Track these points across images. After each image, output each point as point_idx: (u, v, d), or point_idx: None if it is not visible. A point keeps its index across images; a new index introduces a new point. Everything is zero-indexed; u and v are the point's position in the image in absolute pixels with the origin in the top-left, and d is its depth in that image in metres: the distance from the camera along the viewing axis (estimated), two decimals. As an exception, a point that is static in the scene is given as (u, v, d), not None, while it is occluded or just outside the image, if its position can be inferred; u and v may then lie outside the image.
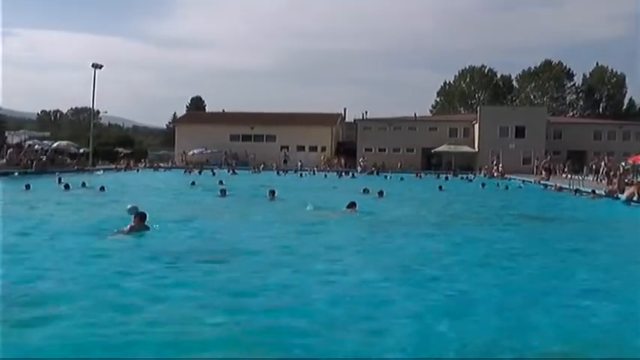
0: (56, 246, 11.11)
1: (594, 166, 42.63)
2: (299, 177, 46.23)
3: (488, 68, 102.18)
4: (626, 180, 29.71)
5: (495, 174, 51.89)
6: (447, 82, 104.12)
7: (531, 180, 41.46)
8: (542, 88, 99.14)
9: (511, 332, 6.27)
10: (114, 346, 5.61)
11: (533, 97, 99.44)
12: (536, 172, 49.35)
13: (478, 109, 69.11)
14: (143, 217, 12.85)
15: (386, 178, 45.68)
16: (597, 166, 41.60)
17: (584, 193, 27.69)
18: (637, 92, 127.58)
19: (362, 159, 61.91)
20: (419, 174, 50.87)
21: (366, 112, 72.16)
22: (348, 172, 51.64)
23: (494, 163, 57.30)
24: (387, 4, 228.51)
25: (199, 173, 45.20)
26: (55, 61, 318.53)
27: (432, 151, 64.39)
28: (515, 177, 46.20)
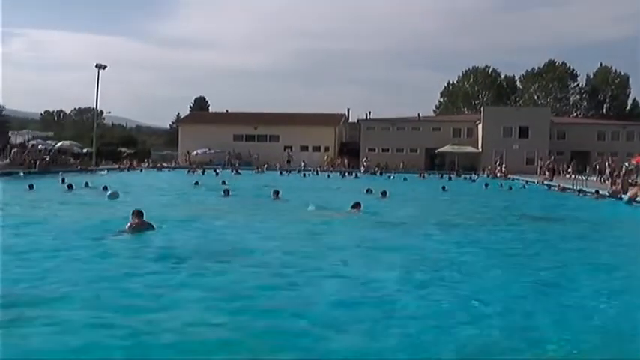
0: (59, 246, 11.10)
1: (598, 167, 42.54)
2: (302, 177, 46.24)
3: (491, 68, 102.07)
4: (630, 180, 29.63)
5: (499, 174, 51.81)
6: (451, 82, 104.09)
7: (534, 180, 41.41)
8: (545, 88, 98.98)
9: (515, 332, 6.26)
10: (116, 346, 5.62)
11: (536, 97, 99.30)
12: (540, 172, 49.24)
13: (482, 109, 69.04)
14: (141, 215, 12.85)
15: (389, 178, 45.65)
16: (601, 167, 41.51)
17: (588, 194, 27.64)
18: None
19: (365, 159, 61.80)
20: (422, 174, 50.85)
21: (370, 113, 72.36)
22: (351, 173, 51.60)
23: (497, 163, 57.23)
24: (390, 5, 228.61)
25: (202, 173, 45.20)
26: (58, 61, 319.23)
27: (436, 152, 64.37)
28: (518, 177, 46.14)
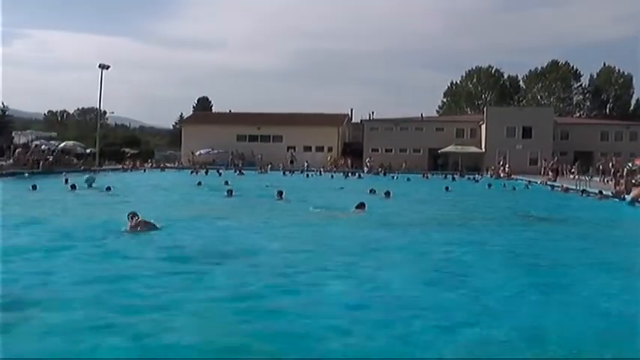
0: (61, 246, 11.04)
1: (601, 167, 42.49)
2: (305, 177, 46.24)
3: (495, 69, 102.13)
4: (633, 181, 29.56)
5: (502, 174, 51.79)
6: (454, 82, 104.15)
7: (537, 181, 41.37)
8: (549, 88, 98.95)
9: (517, 332, 6.24)
10: (117, 347, 5.60)
11: (540, 97, 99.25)
12: (543, 172, 49.19)
13: (485, 109, 69.09)
14: (136, 215, 12.86)
15: (393, 178, 45.66)
16: (604, 167, 41.46)
17: (591, 194, 27.60)
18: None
19: (368, 159, 61.83)
20: (425, 174, 50.86)
21: (373, 113, 72.44)
22: (354, 173, 51.63)
23: (500, 163, 57.19)
24: (394, 5, 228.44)
25: (206, 173, 45.23)
26: (61, 61, 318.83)
27: (439, 152, 64.38)
28: (521, 178, 46.08)
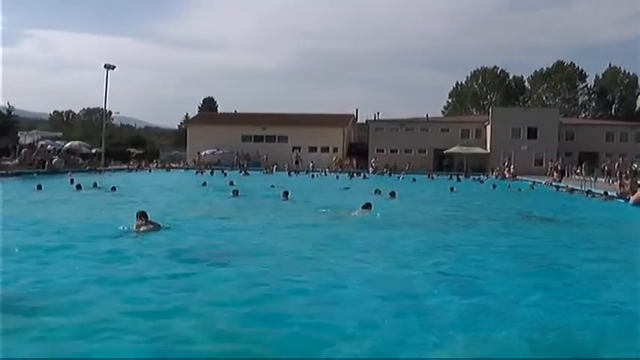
0: (65, 246, 11.06)
1: (606, 168, 42.40)
2: (311, 178, 46.25)
3: (500, 69, 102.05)
4: (639, 182, 29.47)
5: (507, 175, 51.72)
6: (459, 83, 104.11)
7: (542, 181, 41.31)
8: (554, 89, 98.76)
9: (518, 332, 6.28)
10: (122, 347, 5.65)
11: (545, 98, 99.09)
12: (549, 173, 49.08)
13: (490, 110, 68.92)
14: (145, 215, 12.90)
15: (398, 179, 45.65)
16: (610, 168, 41.37)
17: (597, 195, 27.56)
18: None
19: (374, 160, 61.75)
20: (431, 175, 50.81)
21: (378, 113, 72.38)
22: (359, 173, 51.61)
23: (505, 164, 57.09)
24: (398, 5, 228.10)
25: (211, 174, 45.27)
26: (67, 61, 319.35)
27: (444, 152, 64.29)
28: (526, 178, 46.01)
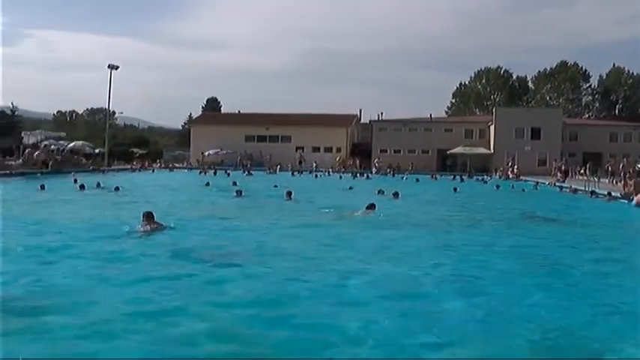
0: (68, 246, 11.02)
1: (610, 168, 42.30)
2: (314, 178, 46.27)
3: (503, 69, 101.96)
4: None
5: (511, 176, 51.65)
6: (463, 83, 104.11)
7: (546, 182, 41.23)
8: (557, 89, 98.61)
9: (520, 332, 6.25)
10: (125, 347, 5.62)
11: (548, 98, 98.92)
12: (553, 173, 49.00)
13: (494, 110, 68.95)
14: (151, 216, 12.90)
15: (402, 179, 45.63)
16: (613, 168, 41.26)
17: (600, 196, 27.48)
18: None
19: (377, 160, 61.81)
20: (434, 175, 50.79)
21: (382, 113, 72.38)
22: (363, 173, 51.61)
23: (509, 164, 57.03)
24: (402, 5, 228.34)
25: (214, 174, 45.32)
26: (70, 61, 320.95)
27: (448, 153, 64.25)
28: (530, 179, 45.94)
